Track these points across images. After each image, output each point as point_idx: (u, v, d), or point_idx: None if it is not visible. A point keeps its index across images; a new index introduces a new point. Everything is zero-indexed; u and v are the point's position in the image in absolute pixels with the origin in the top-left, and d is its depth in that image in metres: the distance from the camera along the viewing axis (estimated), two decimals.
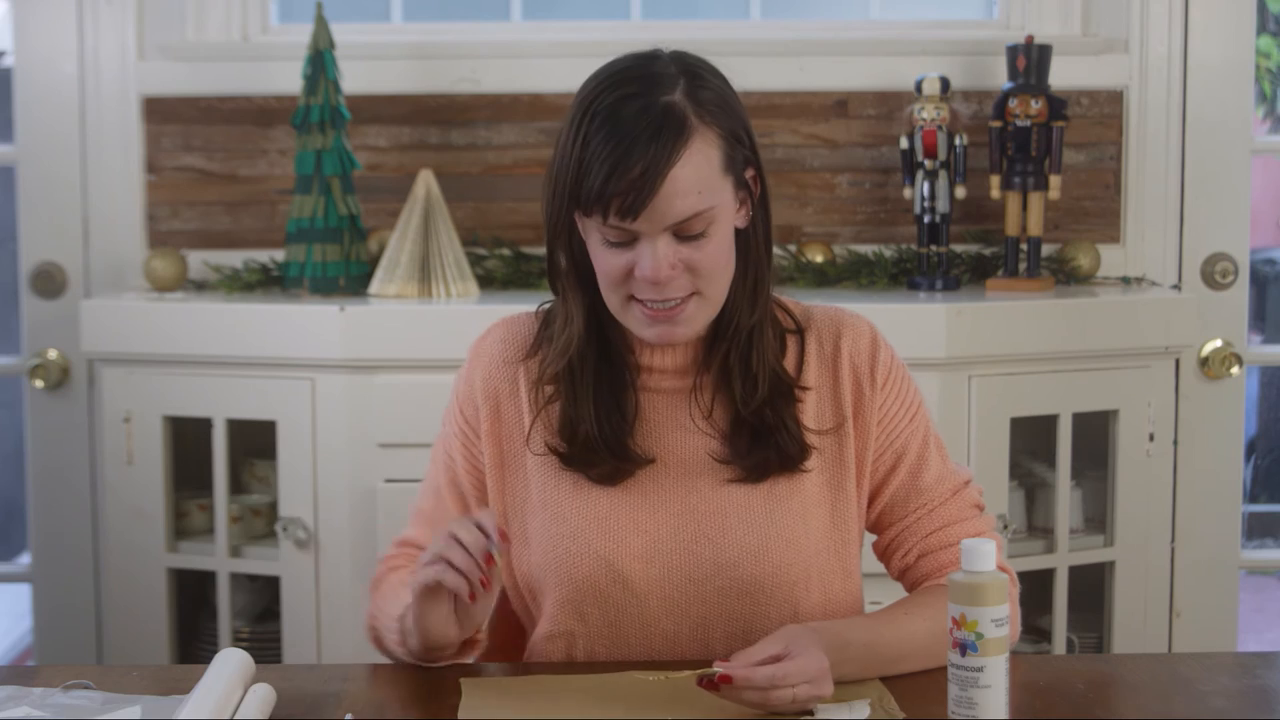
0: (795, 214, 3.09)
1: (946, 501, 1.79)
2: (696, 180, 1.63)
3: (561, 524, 1.74)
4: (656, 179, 1.60)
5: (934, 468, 1.80)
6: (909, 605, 1.73)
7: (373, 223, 3.01)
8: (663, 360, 1.76)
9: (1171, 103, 3.06)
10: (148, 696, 1.60)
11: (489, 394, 1.79)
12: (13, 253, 3.15)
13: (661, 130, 1.61)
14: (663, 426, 1.76)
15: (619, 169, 1.60)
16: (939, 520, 1.78)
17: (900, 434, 1.79)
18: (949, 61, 3.03)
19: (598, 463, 1.74)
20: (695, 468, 1.75)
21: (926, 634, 1.67)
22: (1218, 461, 3.08)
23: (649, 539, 1.73)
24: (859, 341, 1.80)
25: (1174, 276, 3.08)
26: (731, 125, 1.68)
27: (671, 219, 1.62)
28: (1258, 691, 1.64)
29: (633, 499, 1.74)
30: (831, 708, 1.53)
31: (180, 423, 2.86)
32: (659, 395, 1.77)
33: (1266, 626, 4.54)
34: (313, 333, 2.73)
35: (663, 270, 1.63)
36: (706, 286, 1.67)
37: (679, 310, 1.67)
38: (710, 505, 1.73)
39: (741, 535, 1.72)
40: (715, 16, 3.39)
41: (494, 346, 1.81)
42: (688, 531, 1.73)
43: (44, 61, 3.07)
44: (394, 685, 1.67)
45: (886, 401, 1.79)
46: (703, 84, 1.68)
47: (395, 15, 3.22)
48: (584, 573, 1.73)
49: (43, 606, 3.13)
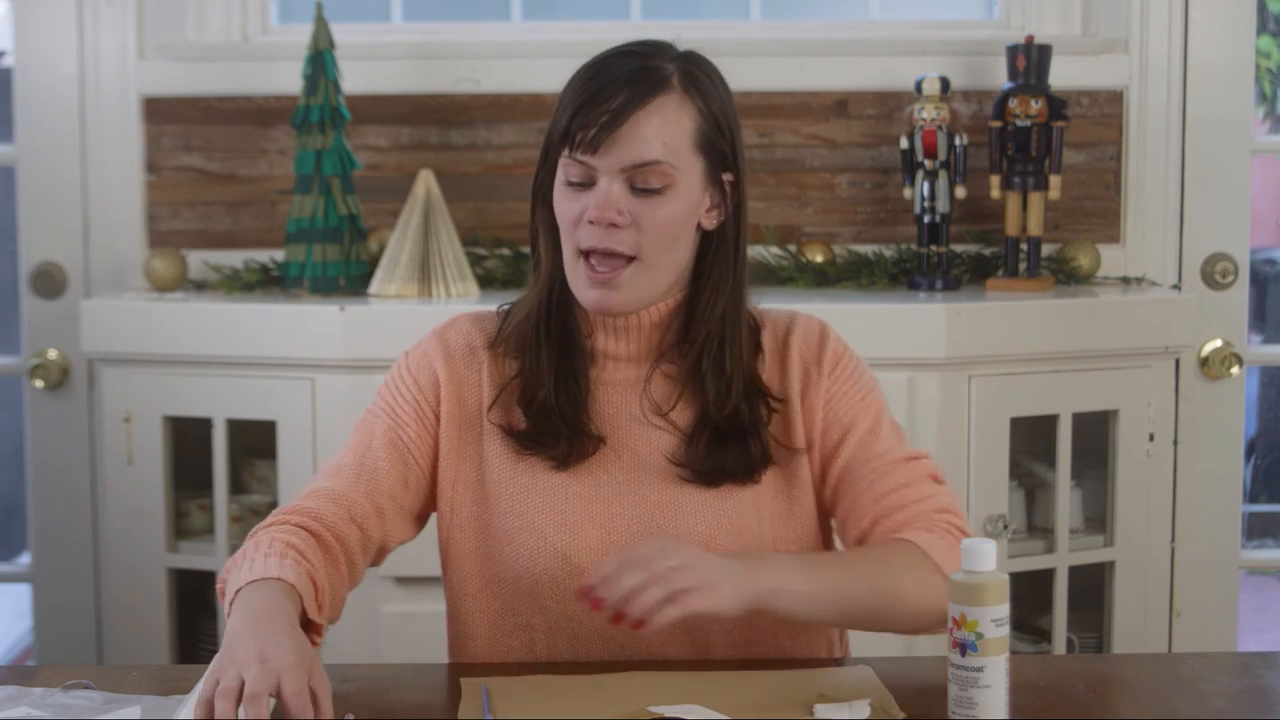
0: (795, 214, 3.09)
1: (899, 466, 1.75)
2: (663, 132, 1.67)
3: (518, 517, 1.75)
4: (622, 115, 1.65)
5: (885, 440, 1.77)
6: (854, 551, 1.73)
7: (373, 223, 3.01)
8: (615, 346, 1.77)
9: (1171, 103, 3.06)
10: (148, 696, 1.60)
11: (451, 377, 1.79)
12: (13, 253, 3.15)
13: (640, 78, 1.67)
14: (617, 417, 1.77)
15: (590, 102, 1.66)
16: (891, 483, 1.74)
17: (848, 411, 1.77)
18: (949, 61, 3.03)
19: (553, 439, 1.74)
20: (649, 461, 1.75)
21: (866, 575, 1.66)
22: (1218, 461, 3.08)
23: (604, 531, 1.74)
24: (808, 336, 1.80)
25: (1174, 276, 3.08)
26: (714, 113, 1.72)
27: (629, 160, 1.66)
28: (1258, 691, 1.64)
29: (587, 491, 1.75)
30: (831, 708, 1.53)
31: (180, 423, 2.86)
32: (612, 388, 1.77)
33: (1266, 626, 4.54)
34: (313, 333, 2.73)
35: (608, 211, 1.66)
36: (649, 251, 1.68)
37: (616, 274, 1.68)
38: (663, 496, 1.74)
39: (693, 526, 1.73)
40: (715, 16, 3.39)
41: (458, 335, 1.82)
42: (641, 523, 1.74)
43: (44, 61, 3.07)
44: (394, 685, 1.67)
45: (834, 385, 1.78)
46: (699, 69, 1.73)
47: (395, 15, 3.22)
48: (541, 565, 1.74)
49: (43, 606, 3.13)
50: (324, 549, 1.68)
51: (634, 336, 1.77)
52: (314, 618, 1.61)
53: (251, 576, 1.58)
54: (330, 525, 1.70)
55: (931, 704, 1.55)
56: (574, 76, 1.71)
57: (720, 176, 1.73)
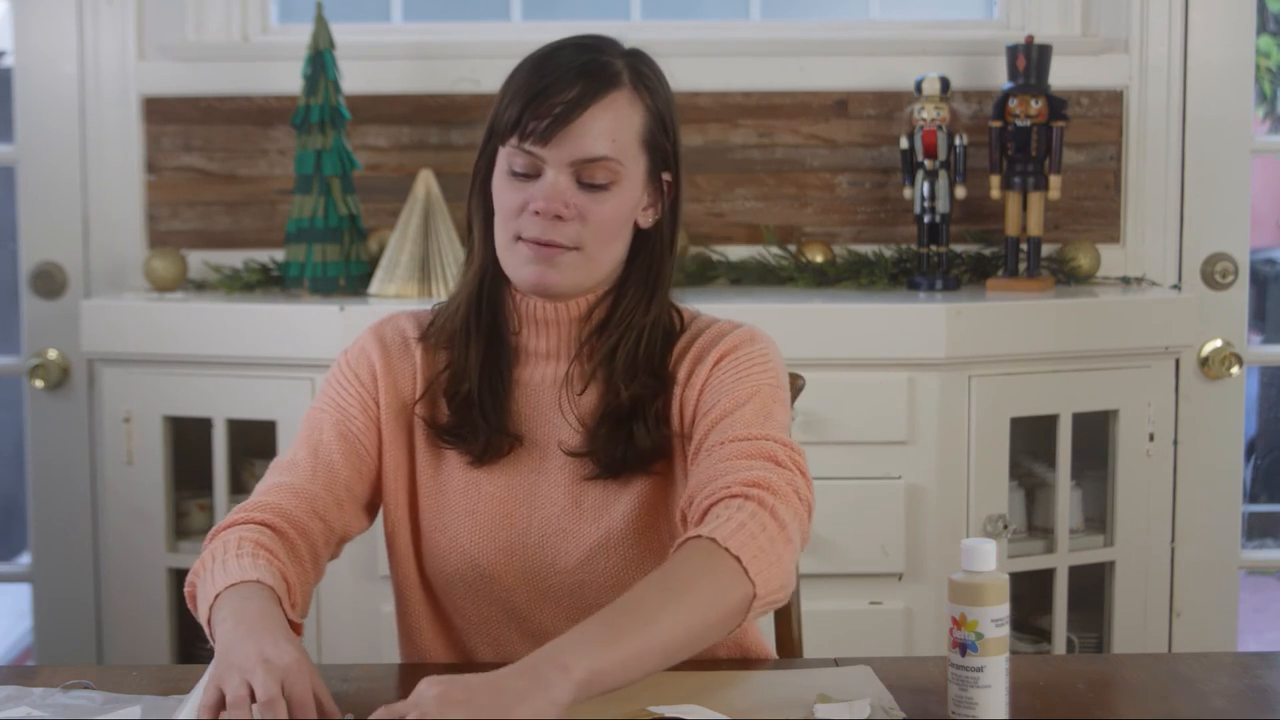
0: (795, 214, 3.09)
1: (733, 445, 1.63)
2: (613, 129, 1.67)
3: (435, 517, 1.76)
4: (575, 110, 1.65)
5: (742, 420, 1.66)
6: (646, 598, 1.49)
7: (373, 223, 3.01)
8: (539, 343, 1.76)
9: (1171, 103, 3.06)
10: (148, 696, 1.60)
11: (387, 370, 1.79)
12: (13, 253, 3.15)
13: (593, 73, 1.67)
14: (535, 415, 1.76)
15: (544, 94, 1.65)
16: (714, 460, 1.63)
17: (716, 395, 1.69)
18: (949, 61, 3.03)
19: (471, 434, 1.74)
20: (559, 456, 1.75)
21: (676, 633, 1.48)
22: (1218, 461, 3.08)
23: (513, 533, 1.74)
24: (718, 332, 1.76)
25: (1174, 276, 3.08)
26: (660, 112, 1.72)
27: (579, 154, 1.66)
28: (1258, 691, 1.64)
29: (498, 491, 1.75)
30: (831, 708, 1.53)
31: (180, 423, 2.86)
32: (533, 387, 1.77)
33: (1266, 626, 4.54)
34: (313, 333, 2.73)
35: (555, 202, 1.65)
36: (591, 243, 1.68)
37: (558, 253, 1.67)
38: (569, 498, 1.74)
39: (594, 528, 1.73)
40: (715, 16, 3.39)
41: (393, 331, 1.82)
42: (550, 524, 1.74)
43: (44, 61, 3.07)
44: (394, 685, 1.67)
45: (715, 376, 1.71)
46: (647, 67, 1.73)
47: (395, 15, 3.22)
48: (453, 567, 1.76)
49: (43, 606, 3.13)
50: (289, 545, 1.66)
51: (555, 331, 1.76)
52: (291, 617, 1.59)
53: (229, 580, 1.56)
54: (294, 520, 1.68)
55: (931, 704, 1.55)
56: (520, 67, 1.70)
57: (660, 175, 1.74)
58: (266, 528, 1.66)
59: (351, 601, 2.73)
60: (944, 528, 2.71)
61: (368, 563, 2.69)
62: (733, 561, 1.51)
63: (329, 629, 2.75)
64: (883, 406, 2.67)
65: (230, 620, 1.52)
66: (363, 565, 2.70)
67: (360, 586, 2.72)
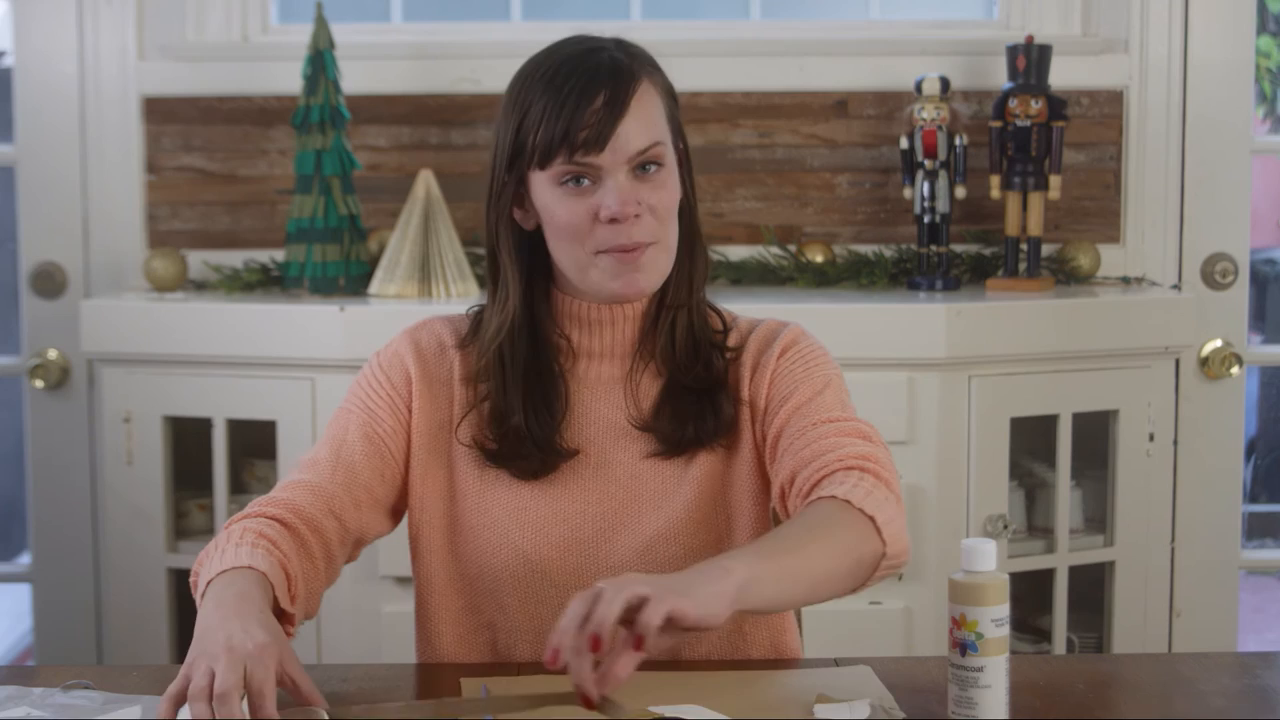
0: (795, 214, 3.09)
1: (826, 424, 1.70)
2: (651, 114, 1.69)
3: (481, 515, 1.75)
4: (621, 106, 1.66)
5: (825, 404, 1.72)
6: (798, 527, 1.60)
7: (373, 223, 3.01)
8: (600, 342, 1.76)
9: (1171, 103, 3.06)
10: (148, 696, 1.60)
11: (423, 375, 1.79)
12: (13, 253, 3.15)
13: (611, 71, 1.68)
14: (589, 418, 1.76)
15: (581, 105, 1.65)
16: (813, 437, 1.68)
17: (791, 384, 1.74)
18: (949, 61, 3.03)
19: (524, 457, 1.74)
20: (616, 449, 1.75)
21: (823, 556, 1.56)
22: (1218, 461, 3.08)
23: (568, 528, 1.74)
24: (773, 327, 1.80)
25: (1174, 276, 3.08)
26: (668, 86, 1.75)
27: (635, 147, 1.67)
28: (1258, 691, 1.64)
29: (553, 489, 1.75)
30: (831, 708, 1.53)
31: (180, 423, 2.86)
32: (587, 388, 1.77)
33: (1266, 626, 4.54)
34: (313, 333, 2.73)
35: (628, 204, 1.66)
36: (663, 232, 1.70)
37: (641, 254, 1.68)
38: (627, 491, 1.74)
39: (653, 519, 1.73)
40: (715, 16, 3.39)
41: (429, 335, 1.82)
42: (606, 519, 1.74)
43: (44, 61, 3.07)
44: (394, 685, 1.67)
45: (781, 365, 1.76)
46: (642, 54, 1.75)
47: (395, 15, 3.22)
48: (502, 563, 1.74)
49: (43, 606, 3.13)
50: (298, 540, 1.66)
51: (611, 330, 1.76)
52: (286, 606, 1.58)
53: (222, 566, 1.56)
54: (307, 517, 1.68)
55: (931, 704, 1.55)
56: (527, 89, 1.69)
57: (679, 147, 1.76)
58: (276, 521, 1.66)
59: (351, 601, 2.73)
60: (944, 528, 2.71)
61: (368, 563, 2.69)
62: (866, 520, 1.58)
63: (329, 629, 2.75)
64: (883, 406, 2.67)
65: (209, 604, 1.52)
66: (363, 565, 2.70)
67: (360, 586, 2.72)
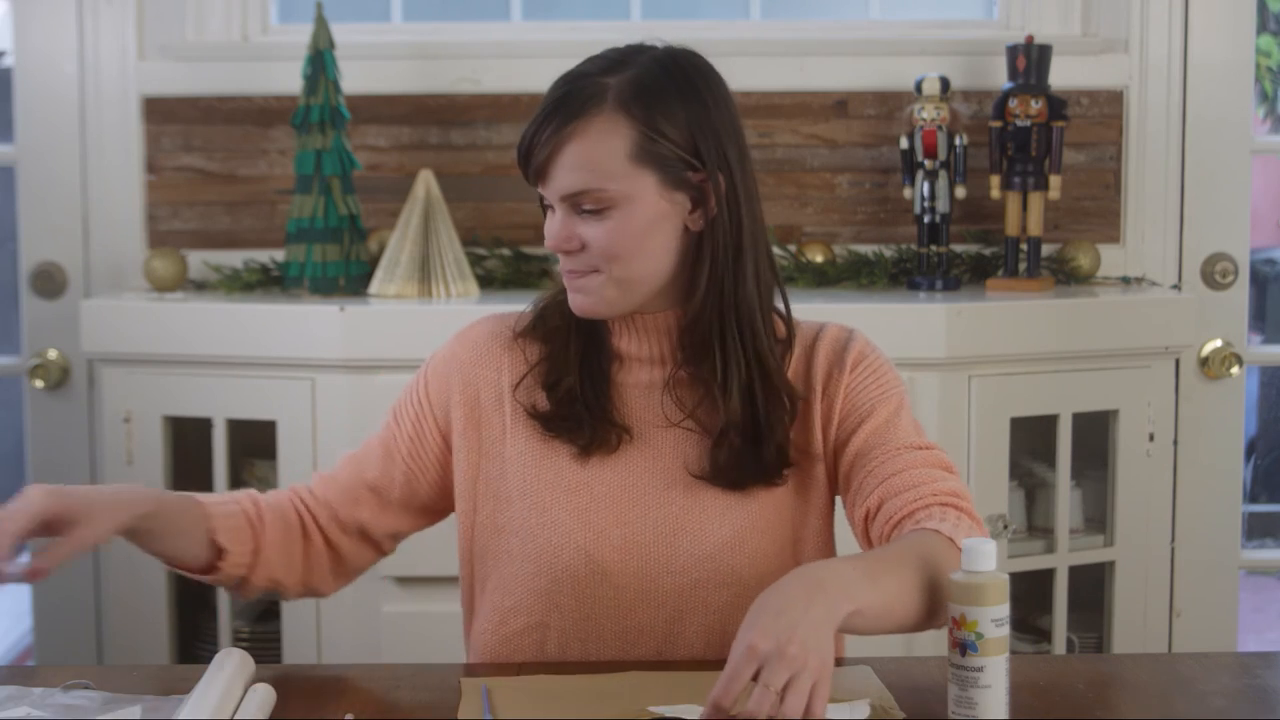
0: (795, 214, 3.09)
1: (910, 451, 1.73)
2: (588, 159, 1.66)
3: (541, 514, 1.75)
4: (546, 149, 1.68)
5: (902, 429, 1.75)
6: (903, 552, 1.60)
7: (373, 223, 3.01)
8: (631, 347, 1.77)
9: (1171, 103, 3.06)
10: (148, 696, 1.60)
11: (468, 381, 1.81)
12: (13, 253, 3.15)
13: (565, 105, 1.68)
14: (639, 416, 1.77)
15: (527, 137, 1.70)
16: (900, 465, 1.71)
17: (868, 401, 1.76)
18: (949, 61, 3.03)
19: (576, 425, 1.75)
20: (671, 463, 1.75)
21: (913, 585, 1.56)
22: (1218, 461, 3.08)
23: (628, 530, 1.74)
24: (836, 340, 1.80)
25: (1174, 276, 3.08)
26: (656, 123, 1.67)
27: (562, 190, 1.68)
28: (1258, 691, 1.64)
29: (611, 491, 1.75)
30: (831, 708, 1.53)
31: (180, 423, 2.86)
32: (633, 389, 1.77)
33: (1266, 626, 4.54)
34: (313, 333, 2.73)
35: (558, 240, 1.70)
36: (606, 264, 1.69)
37: (582, 278, 1.71)
38: (688, 498, 1.74)
39: (719, 527, 1.73)
40: (715, 16, 3.39)
41: (480, 336, 1.83)
42: (667, 524, 1.74)
43: (44, 61, 3.07)
44: (394, 685, 1.67)
45: (855, 379, 1.77)
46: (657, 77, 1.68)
47: (395, 15, 3.22)
48: (564, 563, 1.73)
49: (43, 606, 3.13)
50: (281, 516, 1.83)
51: (648, 339, 1.77)
52: (219, 539, 1.76)
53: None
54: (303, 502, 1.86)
55: (931, 704, 1.55)
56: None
57: (688, 179, 1.69)
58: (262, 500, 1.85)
59: (351, 601, 2.73)
60: None
61: None
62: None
63: (329, 629, 2.75)
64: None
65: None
66: None
67: (360, 586, 2.70)
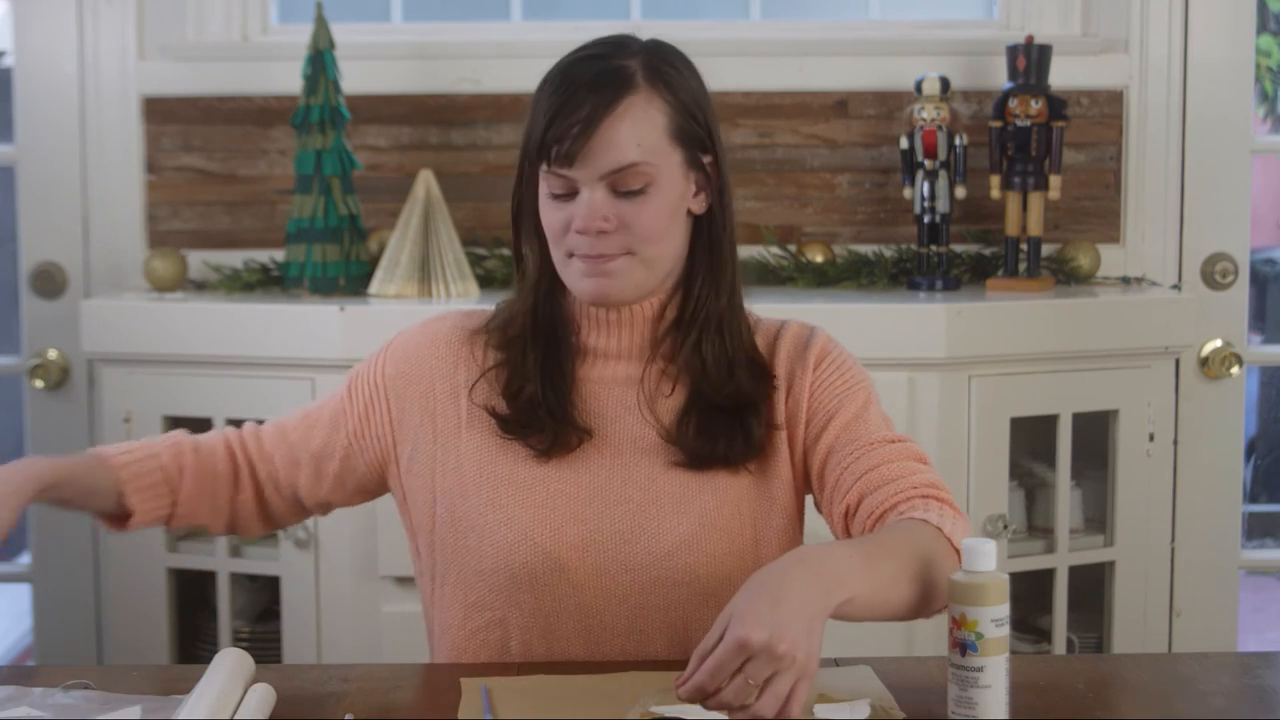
0: (795, 214, 3.09)
1: (883, 446, 1.72)
2: (635, 134, 1.67)
3: (498, 510, 1.74)
4: (593, 126, 1.65)
5: (871, 424, 1.74)
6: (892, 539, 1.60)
7: (373, 223, 3.01)
8: (602, 341, 1.77)
9: (1171, 103, 3.06)
10: (148, 696, 1.60)
11: (426, 371, 1.80)
12: (13, 253, 3.15)
13: (605, 83, 1.67)
14: (607, 411, 1.76)
15: (560, 114, 1.66)
16: (876, 459, 1.70)
17: (834, 398, 1.76)
18: (949, 61, 3.03)
19: (537, 428, 1.74)
20: (635, 453, 1.75)
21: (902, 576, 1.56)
22: (1218, 461, 3.08)
23: (587, 528, 1.73)
24: (798, 337, 1.80)
25: (1174, 276, 3.08)
26: (684, 101, 1.72)
27: (606, 168, 1.66)
28: (1258, 691, 1.64)
29: (570, 488, 1.74)
30: (831, 708, 1.53)
31: (180, 423, 2.84)
32: (603, 385, 1.77)
33: (1266, 626, 4.54)
34: (313, 333, 2.73)
35: (594, 220, 1.67)
36: (641, 247, 1.69)
37: (609, 261, 1.69)
38: (647, 495, 1.73)
39: (675, 525, 1.72)
40: (715, 16, 3.39)
41: (444, 329, 1.83)
42: (624, 521, 1.73)
43: (44, 61, 3.07)
44: (394, 685, 1.67)
45: (819, 377, 1.77)
46: (663, 60, 1.74)
47: (395, 15, 3.22)
48: (521, 560, 1.73)
49: (43, 606, 3.13)
50: (210, 467, 1.86)
51: (624, 331, 1.76)
52: (127, 501, 1.85)
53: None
54: (245, 451, 1.88)
55: (931, 704, 1.55)
56: (540, 86, 1.71)
57: (700, 160, 1.73)
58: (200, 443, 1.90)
59: (351, 601, 2.73)
60: None
61: (368, 563, 2.69)
62: (952, 551, 1.59)
63: (329, 629, 2.75)
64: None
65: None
66: (363, 565, 2.70)
67: (360, 586, 2.72)
